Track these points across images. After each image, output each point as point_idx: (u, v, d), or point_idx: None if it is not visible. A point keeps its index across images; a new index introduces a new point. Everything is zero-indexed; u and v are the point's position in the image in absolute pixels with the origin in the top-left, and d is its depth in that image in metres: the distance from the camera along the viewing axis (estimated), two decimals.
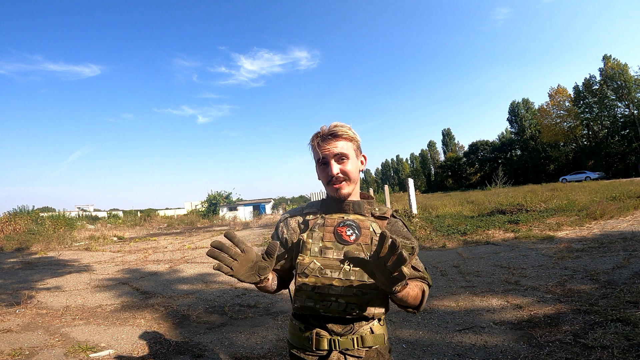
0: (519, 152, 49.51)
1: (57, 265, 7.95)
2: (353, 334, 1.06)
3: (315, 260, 1.06)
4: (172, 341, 3.19)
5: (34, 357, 2.98)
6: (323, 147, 1.10)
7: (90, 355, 2.96)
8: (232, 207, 33.58)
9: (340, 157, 1.10)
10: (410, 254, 1.07)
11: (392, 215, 1.18)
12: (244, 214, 31.58)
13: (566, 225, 7.48)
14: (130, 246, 11.25)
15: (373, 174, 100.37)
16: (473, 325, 3.03)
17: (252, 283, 0.98)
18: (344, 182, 1.11)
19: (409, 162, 77.74)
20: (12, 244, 11.91)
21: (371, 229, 1.09)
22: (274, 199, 48.96)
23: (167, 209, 58.44)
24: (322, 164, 1.12)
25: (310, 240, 1.09)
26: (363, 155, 1.20)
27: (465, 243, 6.96)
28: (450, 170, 57.75)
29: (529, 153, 45.81)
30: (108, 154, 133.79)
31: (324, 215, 1.14)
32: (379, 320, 1.11)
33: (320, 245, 1.08)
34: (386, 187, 13.08)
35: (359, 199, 1.19)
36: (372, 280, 0.99)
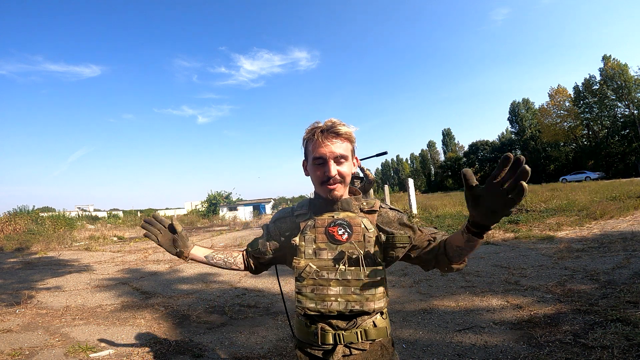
0: (519, 152, 49.49)
1: (57, 265, 7.95)
2: (357, 328, 1.07)
3: (310, 264, 1.07)
4: (172, 341, 3.19)
5: (34, 357, 2.98)
6: (323, 145, 1.04)
7: (90, 355, 2.96)
8: (232, 207, 33.55)
9: (339, 159, 1.06)
10: (405, 244, 1.08)
11: (381, 206, 1.16)
12: (244, 213, 31.54)
13: (566, 225, 7.48)
14: (130, 246, 11.25)
15: (373, 174, 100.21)
16: (473, 325, 3.03)
17: (172, 254, 1.21)
18: (339, 184, 1.07)
19: (409, 162, 77.71)
20: (12, 244, 11.91)
21: (362, 225, 1.08)
22: (274, 199, 48.91)
23: (167, 209, 58.46)
24: (319, 163, 1.07)
25: (304, 243, 1.09)
26: (355, 157, 1.16)
27: None
28: (451, 170, 57.71)
29: (529, 153, 45.77)
30: (108, 154, 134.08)
31: (313, 216, 1.12)
32: (382, 314, 1.12)
33: (314, 247, 1.08)
34: (386, 187, 13.08)
35: (347, 195, 1.16)
36: (369, 279, 1.04)
